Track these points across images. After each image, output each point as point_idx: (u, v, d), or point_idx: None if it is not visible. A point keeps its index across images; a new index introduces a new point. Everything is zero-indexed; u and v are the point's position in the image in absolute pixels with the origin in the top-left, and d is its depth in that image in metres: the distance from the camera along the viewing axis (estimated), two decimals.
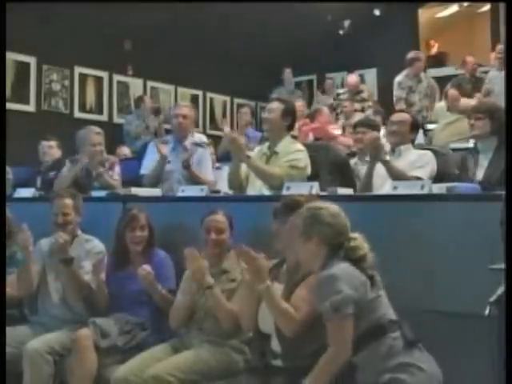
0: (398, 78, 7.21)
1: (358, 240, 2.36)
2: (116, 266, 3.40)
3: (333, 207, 2.42)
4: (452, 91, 6.13)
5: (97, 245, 3.54)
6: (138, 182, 4.49)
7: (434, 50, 10.43)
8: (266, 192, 3.63)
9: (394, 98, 7.14)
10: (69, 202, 3.55)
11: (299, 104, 8.19)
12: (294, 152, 3.73)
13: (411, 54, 7.49)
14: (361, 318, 2.24)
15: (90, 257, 3.47)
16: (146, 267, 3.18)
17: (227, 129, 4.30)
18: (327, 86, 9.67)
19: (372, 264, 2.32)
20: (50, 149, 5.79)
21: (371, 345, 2.24)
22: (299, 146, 3.82)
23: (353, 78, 8.19)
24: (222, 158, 5.91)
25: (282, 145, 3.80)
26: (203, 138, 5.42)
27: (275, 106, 3.82)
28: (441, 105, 6.48)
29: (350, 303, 2.20)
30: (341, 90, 8.37)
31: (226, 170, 4.50)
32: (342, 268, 2.28)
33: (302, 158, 3.72)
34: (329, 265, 2.31)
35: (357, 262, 2.31)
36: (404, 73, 7.24)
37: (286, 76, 9.30)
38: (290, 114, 3.84)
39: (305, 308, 2.47)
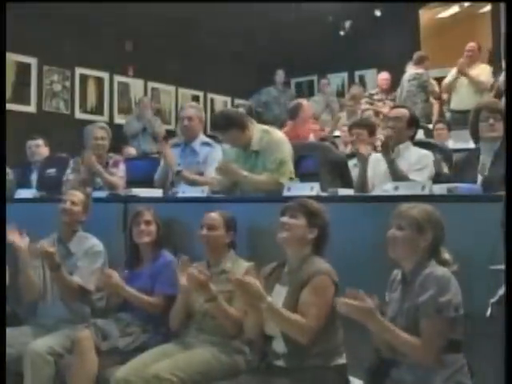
0: (418, 70, 7.32)
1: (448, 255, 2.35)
2: (126, 264, 3.41)
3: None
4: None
5: (96, 244, 3.54)
6: (141, 182, 4.50)
7: None
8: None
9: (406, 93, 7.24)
10: (80, 194, 3.64)
11: (306, 104, 8.23)
12: (275, 147, 3.71)
13: (420, 53, 7.58)
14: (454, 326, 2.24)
15: (88, 257, 3.49)
16: (110, 270, 3.24)
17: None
18: (322, 86, 9.69)
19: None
20: (38, 147, 5.78)
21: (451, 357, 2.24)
22: (275, 136, 3.78)
23: (383, 75, 8.26)
24: None
25: (256, 141, 3.77)
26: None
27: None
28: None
29: (453, 307, 2.20)
30: (373, 91, 8.40)
31: None
32: (448, 271, 2.26)
33: (286, 149, 3.72)
34: (424, 265, 2.28)
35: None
36: (414, 69, 7.36)
37: (278, 77, 9.31)
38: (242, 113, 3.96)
39: (314, 313, 2.47)
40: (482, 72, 7.11)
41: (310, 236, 2.64)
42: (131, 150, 7.42)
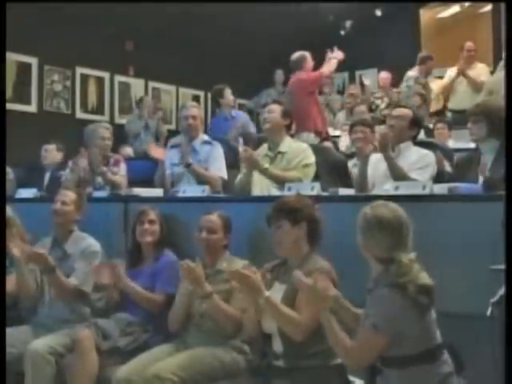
0: (413, 73, 7.38)
1: (403, 263, 2.21)
2: (128, 264, 3.41)
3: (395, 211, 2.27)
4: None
5: (92, 244, 3.53)
6: (141, 182, 4.51)
7: None
8: (275, 191, 3.65)
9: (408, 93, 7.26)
10: (71, 194, 3.62)
11: (308, 54, 8.15)
12: (302, 151, 3.89)
13: (424, 53, 7.61)
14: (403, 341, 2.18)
15: (85, 257, 3.48)
16: (117, 260, 3.26)
17: (242, 148, 4.32)
18: (322, 85, 9.70)
19: (419, 290, 2.17)
20: (46, 152, 5.86)
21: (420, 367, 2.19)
22: (303, 144, 4.01)
23: (383, 74, 8.37)
24: None
25: (285, 145, 3.92)
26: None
27: (275, 107, 3.98)
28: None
29: (388, 327, 2.14)
30: (375, 91, 8.51)
31: None
32: (395, 293, 2.16)
33: (310, 155, 3.89)
34: (383, 277, 2.22)
35: (401, 288, 2.17)
36: (416, 70, 7.38)
37: (277, 77, 9.29)
38: (288, 114, 4.00)
39: (312, 310, 2.46)
40: (481, 72, 7.11)
41: (301, 232, 2.65)
42: (128, 150, 7.40)
